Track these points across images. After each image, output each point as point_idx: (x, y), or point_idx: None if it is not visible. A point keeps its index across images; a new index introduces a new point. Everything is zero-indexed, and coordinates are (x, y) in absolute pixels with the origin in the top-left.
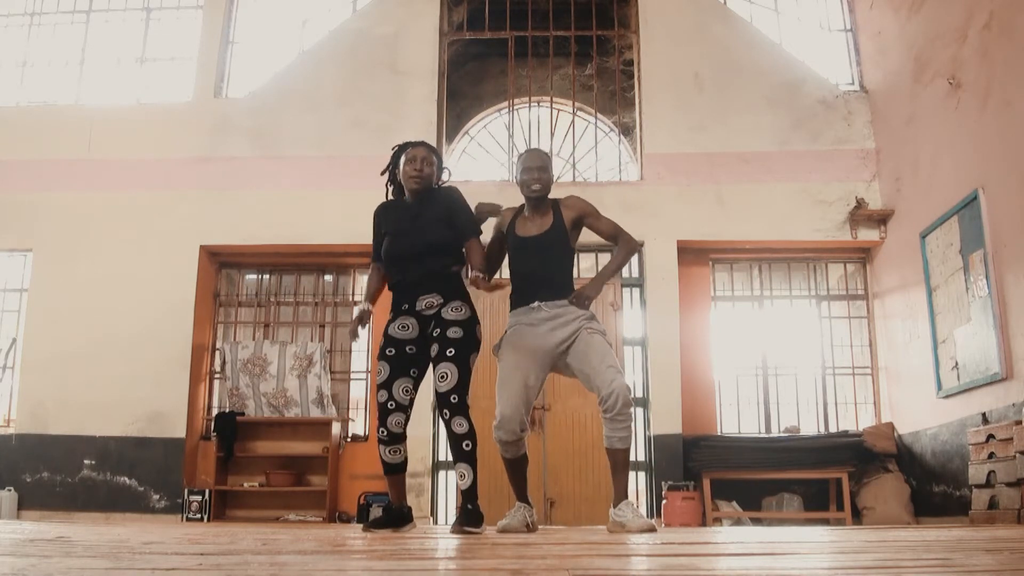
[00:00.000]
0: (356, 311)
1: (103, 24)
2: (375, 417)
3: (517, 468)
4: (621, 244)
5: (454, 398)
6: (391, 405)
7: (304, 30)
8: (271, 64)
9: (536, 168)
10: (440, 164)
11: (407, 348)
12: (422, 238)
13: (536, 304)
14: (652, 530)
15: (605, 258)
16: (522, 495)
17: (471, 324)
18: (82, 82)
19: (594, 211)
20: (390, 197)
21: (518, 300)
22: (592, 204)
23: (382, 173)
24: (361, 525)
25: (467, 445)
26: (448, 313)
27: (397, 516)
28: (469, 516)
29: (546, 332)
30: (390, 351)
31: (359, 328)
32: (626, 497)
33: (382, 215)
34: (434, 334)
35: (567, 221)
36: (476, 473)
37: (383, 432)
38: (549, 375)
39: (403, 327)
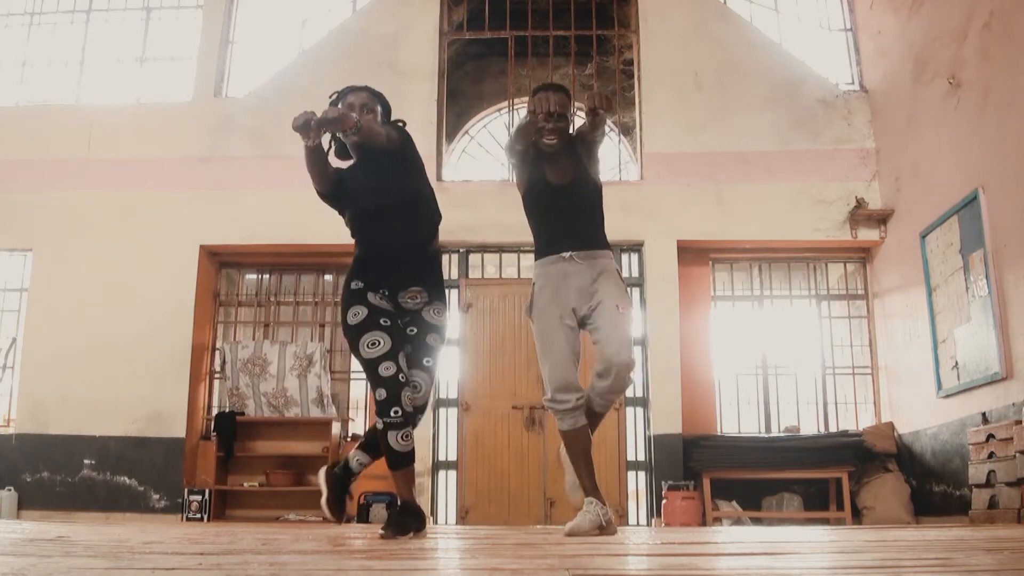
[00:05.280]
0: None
1: (103, 24)
2: (374, 413)
3: (579, 445)
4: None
5: (419, 419)
6: (402, 377)
7: (304, 30)
8: (271, 64)
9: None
10: (387, 110)
11: (399, 321)
12: (394, 189)
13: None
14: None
15: None
16: (592, 487)
17: (445, 325)
18: (82, 82)
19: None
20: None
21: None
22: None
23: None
24: (380, 532)
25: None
26: (431, 316)
27: (418, 516)
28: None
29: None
30: (385, 321)
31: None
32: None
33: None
34: (409, 332)
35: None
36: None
37: (396, 412)
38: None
39: (384, 301)
